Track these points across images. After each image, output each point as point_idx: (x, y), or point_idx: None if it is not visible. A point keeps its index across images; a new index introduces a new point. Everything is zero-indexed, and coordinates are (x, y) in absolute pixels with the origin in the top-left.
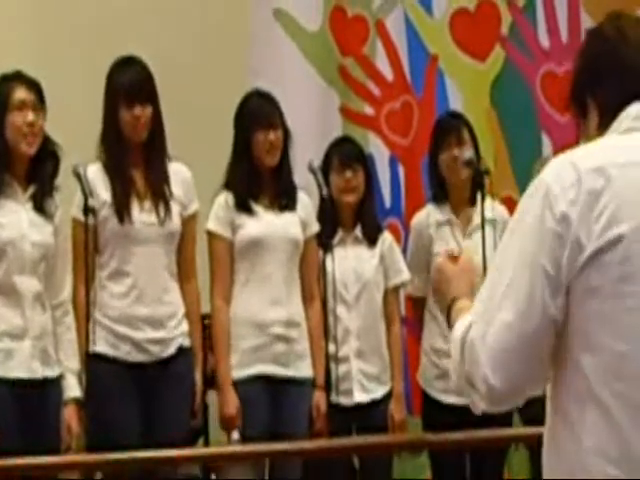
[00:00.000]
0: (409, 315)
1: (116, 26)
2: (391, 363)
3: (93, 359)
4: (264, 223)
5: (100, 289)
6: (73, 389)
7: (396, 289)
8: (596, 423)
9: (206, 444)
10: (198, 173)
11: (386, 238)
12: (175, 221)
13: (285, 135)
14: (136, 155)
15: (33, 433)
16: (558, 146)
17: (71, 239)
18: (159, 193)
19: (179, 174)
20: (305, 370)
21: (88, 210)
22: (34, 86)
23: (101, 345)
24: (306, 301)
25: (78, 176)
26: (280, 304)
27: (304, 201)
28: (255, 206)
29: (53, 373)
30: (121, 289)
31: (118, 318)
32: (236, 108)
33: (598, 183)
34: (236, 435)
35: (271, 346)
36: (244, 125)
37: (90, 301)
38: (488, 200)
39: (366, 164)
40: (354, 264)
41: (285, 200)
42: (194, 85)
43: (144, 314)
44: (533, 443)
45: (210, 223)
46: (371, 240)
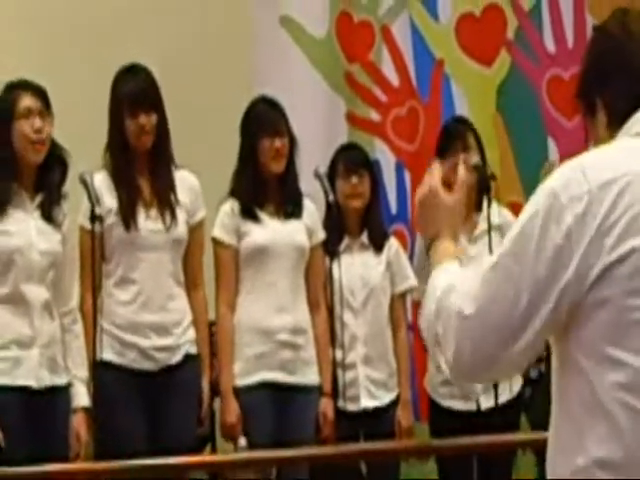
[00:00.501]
0: (416, 321)
1: (120, 33)
2: (398, 369)
3: (100, 367)
4: (269, 230)
5: (107, 297)
6: (82, 397)
7: (403, 295)
8: (603, 432)
9: (213, 451)
10: (204, 180)
11: (392, 244)
12: (181, 228)
13: (291, 142)
14: (142, 163)
15: (41, 441)
16: (564, 151)
17: (78, 247)
18: (165, 200)
19: (186, 181)
20: (312, 377)
21: (95, 218)
22: (40, 93)
23: (107, 353)
24: (312, 308)
25: (85, 184)
26: (286, 311)
27: (310, 208)
28: (260, 213)
29: (61, 381)
30: (127, 296)
31: (124, 325)
32: (242, 115)
33: (610, 195)
34: (243, 442)
35: (277, 353)
36: (250, 132)
37: (97, 309)
38: (494, 206)
39: (372, 170)
40: (361, 271)
41: (291, 207)
42: (200, 92)
43: (150, 321)
44: (540, 448)
45: (215, 230)
46: (377, 246)
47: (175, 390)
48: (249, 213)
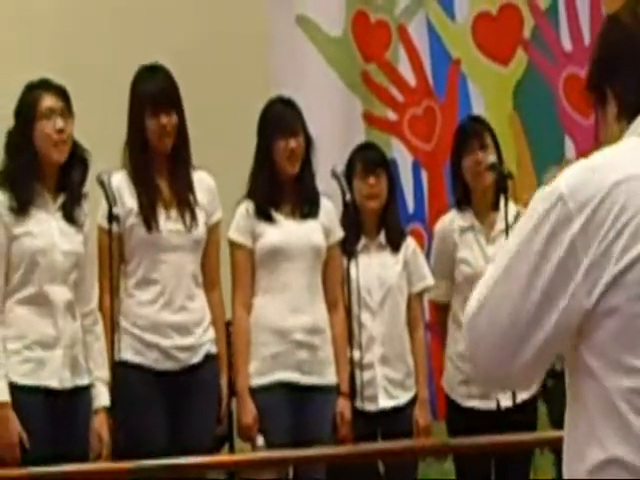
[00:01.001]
0: (433, 320)
1: (136, 34)
2: (415, 369)
3: (120, 367)
4: (284, 231)
5: (127, 297)
6: (103, 398)
7: (420, 295)
8: (618, 434)
9: (231, 451)
10: (222, 181)
11: (409, 244)
12: (201, 229)
13: (307, 142)
14: (161, 163)
15: (63, 441)
16: (581, 149)
17: (97, 247)
18: (185, 201)
19: (203, 182)
20: (329, 377)
21: (112, 218)
22: (61, 93)
23: (128, 353)
24: (330, 308)
25: (102, 184)
26: (301, 311)
27: (327, 207)
28: (276, 214)
29: (83, 382)
30: (148, 297)
31: (146, 326)
32: (259, 115)
33: (619, 199)
34: (261, 441)
35: (293, 353)
36: (265, 133)
37: (115, 309)
38: (511, 205)
39: (389, 170)
40: (378, 270)
41: (307, 207)
42: (216, 92)
43: (172, 321)
44: (558, 447)
45: (231, 232)
46: (395, 246)
47: (196, 390)
48: (264, 214)
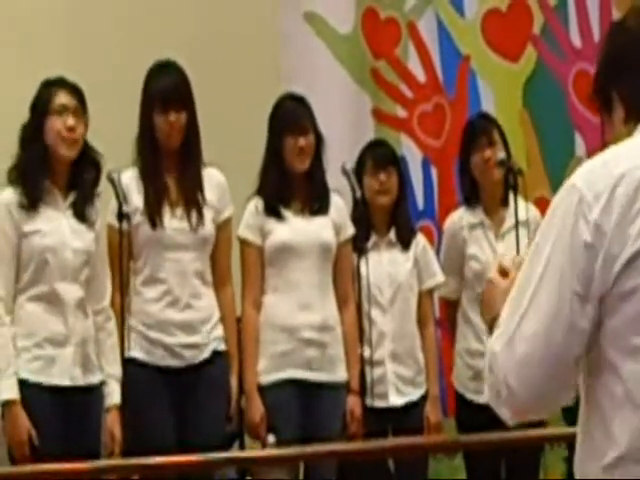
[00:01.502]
0: (443, 317)
1: (148, 31)
2: (426, 365)
3: (128, 364)
4: (294, 228)
5: (134, 295)
6: (115, 395)
7: (430, 292)
8: (634, 425)
9: (241, 448)
10: (232, 178)
11: (419, 241)
12: (208, 227)
13: (317, 139)
14: (170, 161)
15: (75, 439)
16: (591, 146)
17: (107, 245)
18: (192, 200)
19: (213, 179)
20: (339, 374)
21: (122, 216)
22: (76, 92)
23: (135, 350)
24: (340, 304)
25: (112, 182)
26: (311, 309)
27: (338, 204)
28: (285, 211)
29: (95, 379)
30: (154, 295)
31: (151, 323)
32: (269, 112)
33: (631, 187)
34: (272, 439)
35: (302, 351)
36: (275, 130)
37: (125, 307)
38: (521, 201)
39: (399, 167)
40: (388, 268)
41: (317, 204)
42: (226, 89)
43: (177, 319)
44: (569, 442)
45: (241, 230)
46: (405, 243)
47: (203, 387)
48: (273, 211)
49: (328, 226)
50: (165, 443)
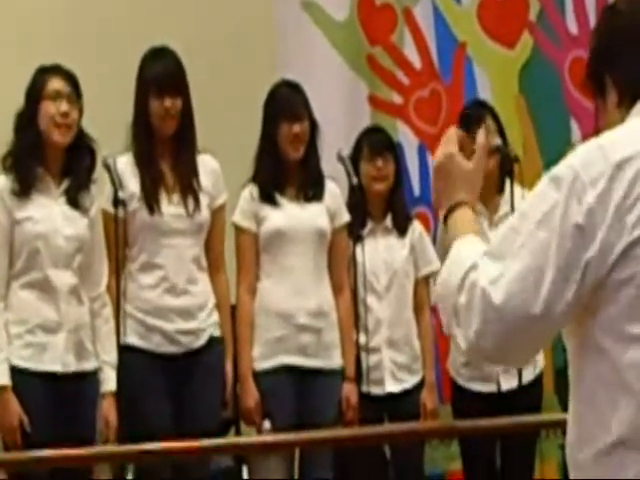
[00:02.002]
0: None
1: (143, 19)
2: (422, 352)
3: (124, 351)
4: (288, 215)
5: (131, 281)
6: (110, 382)
7: (426, 279)
8: (627, 411)
9: (237, 434)
10: (227, 165)
11: (416, 227)
12: (204, 213)
13: (312, 126)
14: (165, 147)
15: (68, 425)
16: (587, 132)
17: (102, 231)
18: (187, 186)
19: (207, 165)
20: (334, 360)
21: (118, 202)
22: (71, 78)
23: (132, 337)
24: (335, 291)
25: (108, 168)
26: (305, 295)
27: (333, 191)
28: (280, 198)
29: (90, 366)
30: (151, 281)
31: (148, 309)
32: (265, 99)
33: (629, 172)
34: (268, 425)
35: (296, 337)
36: (270, 116)
37: (120, 293)
38: (517, 188)
39: (396, 153)
40: (384, 255)
41: (312, 191)
42: (222, 76)
43: (174, 305)
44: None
45: (235, 216)
46: (401, 230)
47: (199, 373)
48: (268, 198)
49: (323, 213)
50: (161, 430)
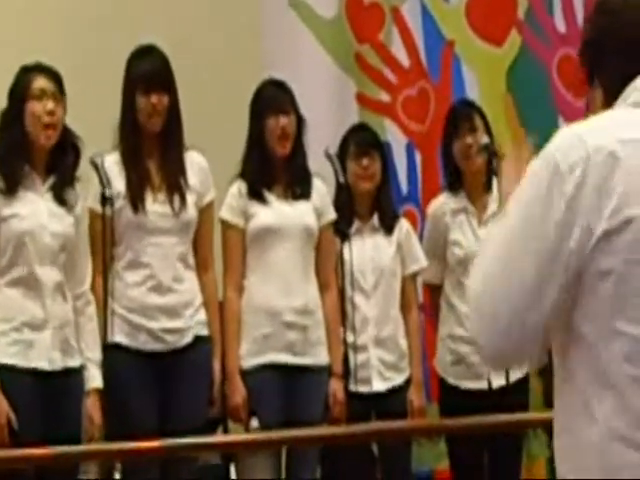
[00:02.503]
0: (426, 302)
1: (131, 16)
2: (410, 350)
3: (110, 349)
4: (276, 212)
5: (117, 279)
6: (95, 379)
7: (413, 277)
8: (612, 404)
9: (225, 432)
10: (215, 162)
11: (403, 225)
12: (190, 212)
13: (298, 122)
14: (152, 145)
15: (54, 423)
16: None
17: (88, 230)
18: (173, 185)
19: (195, 163)
20: (321, 357)
21: (105, 200)
22: (54, 76)
23: (118, 335)
24: (322, 289)
25: (95, 166)
26: (292, 293)
27: (320, 189)
28: (268, 195)
29: (75, 363)
30: (137, 279)
31: (134, 308)
32: (252, 97)
33: (607, 162)
34: (255, 423)
35: (283, 334)
36: (257, 113)
37: (108, 292)
38: None
39: (383, 151)
40: (372, 253)
41: (299, 188)
42: (210, 74)
43: (159, 304)
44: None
45: (223, 212)
46: (388, 228)
47: (185, 371)
48: (256, 194)
49: (310, 211)
50: (148, 428)
